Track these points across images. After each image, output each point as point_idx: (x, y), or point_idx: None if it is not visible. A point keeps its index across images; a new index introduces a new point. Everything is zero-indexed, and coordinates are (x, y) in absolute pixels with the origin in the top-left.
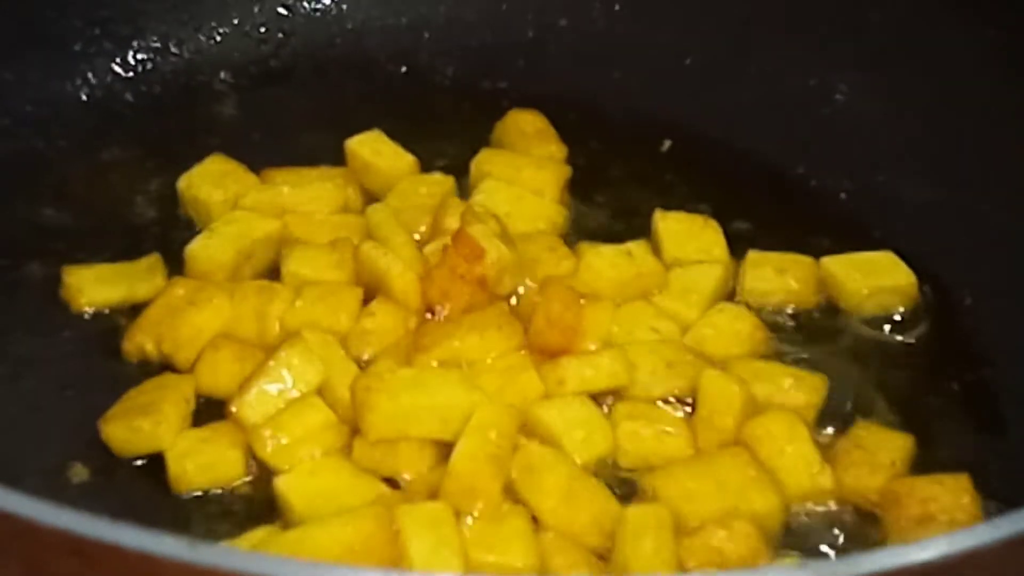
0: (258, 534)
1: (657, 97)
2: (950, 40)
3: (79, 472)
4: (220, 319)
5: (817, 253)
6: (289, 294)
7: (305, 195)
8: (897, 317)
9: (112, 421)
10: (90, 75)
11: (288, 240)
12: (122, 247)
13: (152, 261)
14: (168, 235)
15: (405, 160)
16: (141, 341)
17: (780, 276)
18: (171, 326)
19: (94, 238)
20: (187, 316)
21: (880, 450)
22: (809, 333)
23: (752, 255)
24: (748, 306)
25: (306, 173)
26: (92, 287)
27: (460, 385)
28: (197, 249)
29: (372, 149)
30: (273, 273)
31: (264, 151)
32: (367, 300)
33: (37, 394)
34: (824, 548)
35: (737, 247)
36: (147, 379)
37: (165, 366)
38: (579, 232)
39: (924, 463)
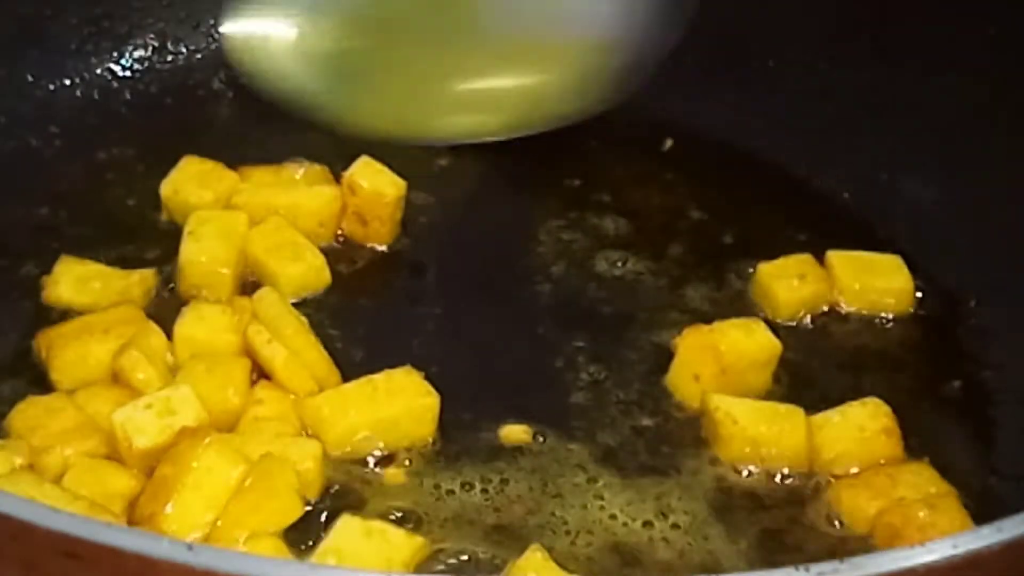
0: None
1: (658, 96)
2: (952, 39)
3: None
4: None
5: (820, 254)
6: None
7: (301, 195)
8: (893, 316)
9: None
10: (86, 74)
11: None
12: (118, 247)
13: (144, 275)
14: (166, 235)
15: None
16: (37, 345)
17: (803, 282)
18: (62, 344)
19: (90, 238)
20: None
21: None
22: (809, 334)
23: (765, 267)
24: (767, 320)
25: (285, 171)
26: (68, 284)
27: None
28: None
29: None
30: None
31: (262, 150)
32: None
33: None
34: None
35: (738, 248)
36: None
37: None
38: (579, 232)
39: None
